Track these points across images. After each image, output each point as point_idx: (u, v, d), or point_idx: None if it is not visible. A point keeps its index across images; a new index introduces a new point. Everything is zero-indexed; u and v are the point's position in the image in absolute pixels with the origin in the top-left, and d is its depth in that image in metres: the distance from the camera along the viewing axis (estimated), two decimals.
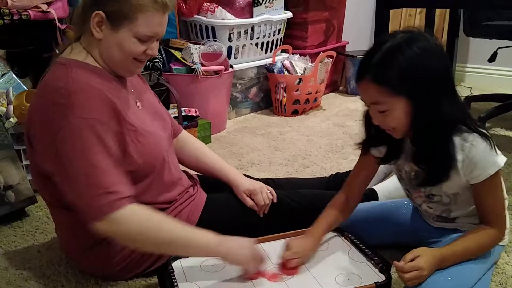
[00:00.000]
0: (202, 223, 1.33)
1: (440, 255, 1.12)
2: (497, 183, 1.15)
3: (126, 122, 1.18)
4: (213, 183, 1.47)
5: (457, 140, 1.10)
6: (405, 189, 1.31)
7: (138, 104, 1.29)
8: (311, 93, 2.92)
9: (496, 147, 1.12)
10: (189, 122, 2.36)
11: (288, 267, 1.22)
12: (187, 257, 1.26)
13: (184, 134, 1.52)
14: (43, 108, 1.14)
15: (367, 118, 1.19)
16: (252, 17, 2.82)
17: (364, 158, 1.30)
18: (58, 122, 1.10)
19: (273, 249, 1.31)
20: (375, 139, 1.23)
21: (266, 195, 1.41)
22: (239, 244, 1.18)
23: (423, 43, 1.07)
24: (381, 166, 1.36)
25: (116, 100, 1.17)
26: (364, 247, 1.28)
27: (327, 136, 2.52)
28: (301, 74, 2.88)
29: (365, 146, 1.27)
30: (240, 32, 2.78)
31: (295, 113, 2.92)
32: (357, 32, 3.65)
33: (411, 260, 1.10)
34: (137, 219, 1.10)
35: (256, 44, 2.93)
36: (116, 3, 1.13)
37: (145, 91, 1.38)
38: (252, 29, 2.84)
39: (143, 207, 1.12)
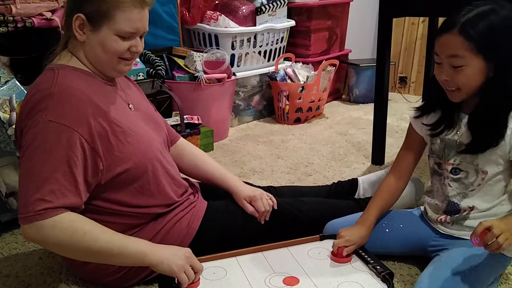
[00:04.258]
0: (203, 230, 1.33)
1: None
2: None
3: (112, 123, 1.18)
4: (214, 191, 1.47)
5: None
6: (434, 163, 1.32)
7: (130, 106, 1.29)
8: (313, 101, 2.92)
9: None
10: (191, 129, 2.36)
11: (340, 256, 1.26)
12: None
13: (182, 142, 1.52)
14: (26, 110, 1.15)
15: (431, 84, 1.24)
16: (255, 25, 2.83)
17: (410, 138, 1.35)
18: (31, 121, 1.11)
19: (275, 257, 1.30)
20: (432, 105, 1.27)
21: (266, 201, 1.41)
22: (171, 253, 1.16)
23: (511, 11, 1.13)
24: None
25: (100, 101, 1.18)
26: (366, 256, 1.27)
27: (329, 144, 2.52)
28: (304, 82, 2.88)
29: (423, 110, 1.30)
30: (243, 40, 2.79)
31: (298, 121, 2.92)
32: (360, 40, 3.66)
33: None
34: (63, 227, 1.08)
35: (259, 52, 2.94)
36: (94, 3, 1.14)
37: (139, 97, 1.39)
38: (255, 37, 2.85)
39: (76, 216, 1.10)
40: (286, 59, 3.11)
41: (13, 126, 1.81)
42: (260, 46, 2.91)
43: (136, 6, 1.16)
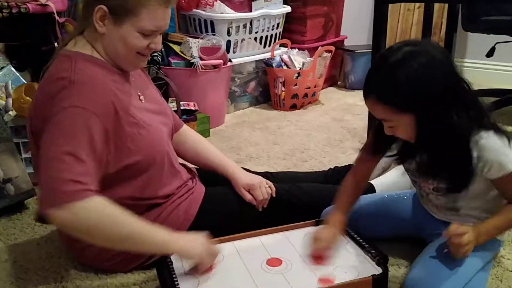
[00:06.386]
0: (200, 217, 1.34)
1: (477, 233, 1.14)
2: None
3: (127, 114, 1.18)
4: (212, 176, 1.48)
5: (473, 139, 1.10)
6: (412, 180, 1.31)
7: (141, 97, 1.29)
8: (309, 88, 2.92)
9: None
10: (188, 116, 2.36)
11: (318, 259, 1.23)
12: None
13: (185, 129, 1.52)
14: (46, 98, 1.14)
15: (379, 126, 1.19)
16: (251, 11, 2.81)
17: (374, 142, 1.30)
18: (55, 108, 1.10)
19: (271, 242, 1.32)
20: (386, 143, 1.24)
21: (265, 189, 1.42)
22: (191, 240, 1.16)
23: (426, 57, 1.05)
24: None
25: (118, 92, 1.18)
26: (361, 240, 1.28)
27: (325, 130, 2.53)
28: (300, 69, 2.88)
29: (373, 151, 1.28)
30: (239, 26, 2.78)
31: (294, 107, 2.93)
32: (356, 26, 3.65)
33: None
34: (96, 210, 1.07)
35: (255, 39, 2.93)
36: None
37: (147, 85, 1.38)
38: (251, 23, 2.84)
39: (105, 200, 1.09)
40: (282, 45, 3.10)
41: (10, 113, 1.81)
42: (256, 32, 2.90)
43: (161, 4, 1.15)
